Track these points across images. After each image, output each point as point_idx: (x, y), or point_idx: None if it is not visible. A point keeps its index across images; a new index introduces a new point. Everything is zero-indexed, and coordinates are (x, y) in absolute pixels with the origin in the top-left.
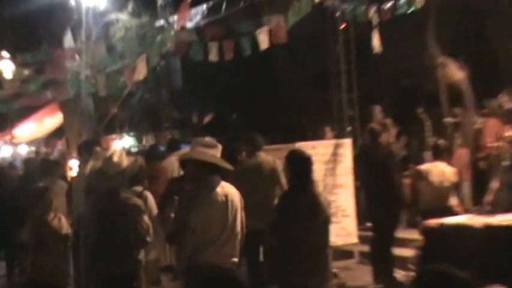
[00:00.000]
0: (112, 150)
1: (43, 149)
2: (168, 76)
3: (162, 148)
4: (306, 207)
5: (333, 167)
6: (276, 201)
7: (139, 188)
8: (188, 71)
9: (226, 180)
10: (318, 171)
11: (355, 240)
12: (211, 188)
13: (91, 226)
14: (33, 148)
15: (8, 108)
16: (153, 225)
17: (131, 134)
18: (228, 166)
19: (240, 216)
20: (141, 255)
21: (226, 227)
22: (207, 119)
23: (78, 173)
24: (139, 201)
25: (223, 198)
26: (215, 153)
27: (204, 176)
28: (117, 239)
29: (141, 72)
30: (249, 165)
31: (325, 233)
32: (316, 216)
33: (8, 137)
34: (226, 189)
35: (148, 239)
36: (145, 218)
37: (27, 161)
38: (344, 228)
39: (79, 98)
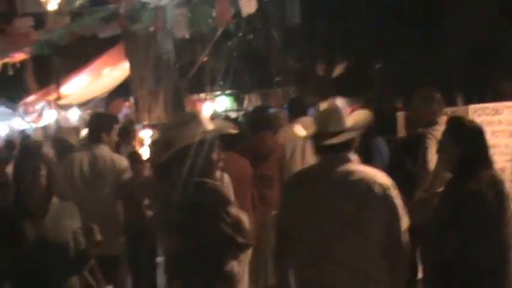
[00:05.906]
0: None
1: None
2: (280, 9)
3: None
4: (472, 206)
5: None
6: None
7: None
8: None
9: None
10: (504, 147)
11: None
12: (327, 169)
13: (164, 231)
14: (89, 112)
15: (54, 52)
16: None
17: (227, 92)
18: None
19: (388, 207)
20: (234, 268)
21: (346, 227)
22: (337, 70)
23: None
24: (219, 186)
25: (342, 183)
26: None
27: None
28: (200, 247)
29: (249, 2)
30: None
31: (503, 248)
32: (488, 219)
33: (53, 97)
34: (355, 168)
35: (242, 240)
36: (233, 211)
37: None
38: None
39: (153, 40)
